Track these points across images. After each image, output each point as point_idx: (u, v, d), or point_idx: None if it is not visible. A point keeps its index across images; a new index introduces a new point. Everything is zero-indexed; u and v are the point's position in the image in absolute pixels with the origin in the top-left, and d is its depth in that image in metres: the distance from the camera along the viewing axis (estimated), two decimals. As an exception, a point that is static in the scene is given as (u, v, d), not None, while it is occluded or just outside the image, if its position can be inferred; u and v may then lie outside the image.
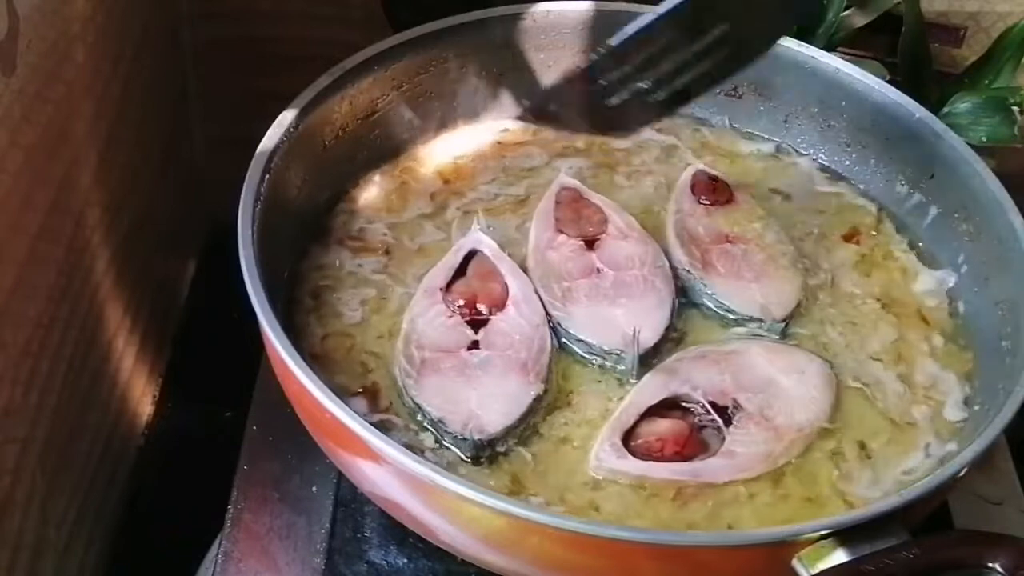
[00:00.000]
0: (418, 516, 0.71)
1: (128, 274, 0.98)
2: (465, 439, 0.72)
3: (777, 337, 0.81)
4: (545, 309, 0.80)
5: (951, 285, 0.86)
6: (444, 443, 0.73)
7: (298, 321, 0.80)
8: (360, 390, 0.77)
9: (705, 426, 0.75)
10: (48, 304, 0.82)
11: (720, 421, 0.75)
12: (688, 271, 0.83)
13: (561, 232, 0.85)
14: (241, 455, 0.85)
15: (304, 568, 0.79)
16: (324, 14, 1.10)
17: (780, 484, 0.73)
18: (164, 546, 0.98)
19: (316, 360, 0.78)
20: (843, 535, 0.63)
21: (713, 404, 0.75)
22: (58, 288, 0.84)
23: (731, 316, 0.82)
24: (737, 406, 0.75)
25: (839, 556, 0.63)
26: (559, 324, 0.80)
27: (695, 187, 0.89)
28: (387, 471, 0.68)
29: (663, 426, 0.74)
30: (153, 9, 1.03)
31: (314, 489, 0.83)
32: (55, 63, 0.81)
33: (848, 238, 0.90)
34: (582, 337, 0.79)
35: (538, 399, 0.75)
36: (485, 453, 0.73)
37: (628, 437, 0.74)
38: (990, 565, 0.62)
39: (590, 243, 0.85)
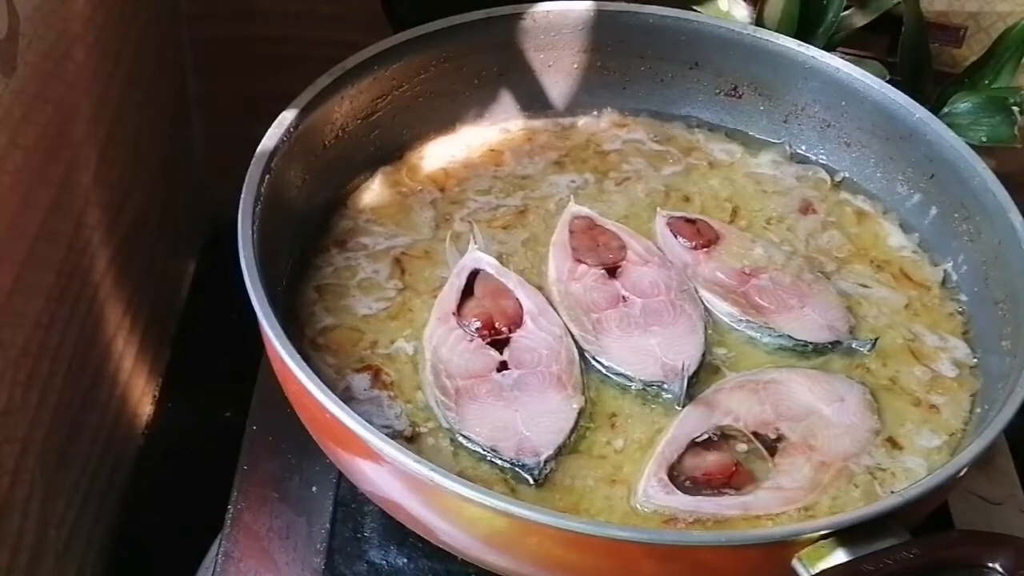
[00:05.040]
0: (418, 516, 0.71)
1: (128, 274, 0.98)
2: (523, 464, 0.72)
3: (868, 352, 0.81)
4: (576, 342, 0.79)
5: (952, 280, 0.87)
6: (503, 472, 0.73)
7: (301, 317, 0.80)
8: (361, 367, 0.77)
9: (747, 456, 0.74)
10: (48, 304, 0.82)
11: (765, 452, 0.74)
12: (744, 320, 0.81)
13: (581, 262, 0.84)
14: (241, 455, 0.85)
15: (304, 568, 0.79)
16: (324, 14, 1.10)
17: (811, 508, 0.73)
18: (164, 546, 0.98)
19: (317, 349, 0.78)
20: (843, 535, 0.63)
21: (756, 434, 0.75)
22: (58, 288, 0.84)
23: (809, 348, 0.81)
24: (781, 436, 0.75)
25: (839, 556, 0.63)
26: (594, 357, 0.78)
27: (677, 233, 0.87)
28: (387, 471, 0.68)
29: (708, 460, 0.73)
30: (153, 9, 1.03)
31: (314, 489, 0.83)
32: (55, 63, 0.81)
33: (804, 211, 0.91)
34: (621, 370, 0.78)
35: (580, 412, 0.75)
36: (544, 473, 0.72)
37: (672, 471, 0.73)
38: (990, 565, 0.62)
39: (611, 271, 0.84)
